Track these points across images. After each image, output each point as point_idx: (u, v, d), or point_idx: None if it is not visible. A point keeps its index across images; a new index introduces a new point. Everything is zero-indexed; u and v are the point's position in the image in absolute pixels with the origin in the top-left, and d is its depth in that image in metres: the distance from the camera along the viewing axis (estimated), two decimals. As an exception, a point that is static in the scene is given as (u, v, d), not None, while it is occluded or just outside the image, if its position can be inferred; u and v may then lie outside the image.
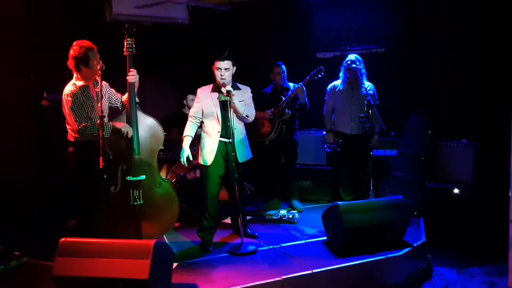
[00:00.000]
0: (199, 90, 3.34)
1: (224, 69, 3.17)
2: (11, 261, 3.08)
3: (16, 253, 3.13)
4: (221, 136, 3.26)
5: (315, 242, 3.38)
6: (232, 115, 3.16)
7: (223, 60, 3.16)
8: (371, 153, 3.72)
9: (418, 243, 3.23)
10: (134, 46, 3.06)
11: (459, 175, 4.08)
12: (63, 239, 2.42)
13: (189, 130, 3.33)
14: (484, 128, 4.12)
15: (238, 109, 3.22)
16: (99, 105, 2.76)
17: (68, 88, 2.93)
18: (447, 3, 4.37)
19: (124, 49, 3.05)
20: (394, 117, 4.40)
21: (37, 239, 3.43)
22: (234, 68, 3.25)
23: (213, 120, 3.26)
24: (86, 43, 2.94)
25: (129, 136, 2.97)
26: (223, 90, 3.15)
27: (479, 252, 3.59)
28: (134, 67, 3.08)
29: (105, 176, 2.79)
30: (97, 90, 2.97)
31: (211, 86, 3.32)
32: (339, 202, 3.10)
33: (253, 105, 3.43)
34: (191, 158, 3.30)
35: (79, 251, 2.36)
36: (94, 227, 2.91)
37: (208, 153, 3.25)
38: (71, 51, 2.92)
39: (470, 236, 3.74)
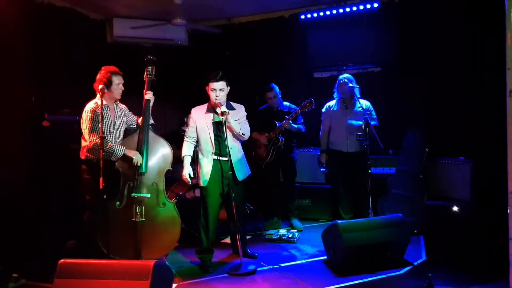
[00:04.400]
0: (193, 110, 3.37)
1: (219, 90, 3.22)
2: (9, 283, 3.04)
3: (14, 274, 3.09)
4: (217, 155, 3.28)
5: (315, 261, 3.36)
6: (227, 135, 3.19)
7: (217, 81, 3.21)
8: (370, 171, 3.74)
9: (419, 261, 3.22)
10: (154, 73, 3.32)
11: (458, 192, 4.09)
12: (62, 260, 2.41)
13: (187, 150, 3.37)
14: (481, 145, 4.16)
15: (234, 128, 3.26)
16: (100, 126, 2.84)
17: (90, 105, 3.13)
18: (442, 22, 4.48)
19: (145, 75, 3.32)
20: (392, 135, 4.45)
21: (35, 260, 3.40)
22: (228, 88, 3.30)
23: (207, 141, 3.29)
24: (112, 68, 3.20)
25: (138, 164, 3.10)
26: (218, 110, 3.17)
27: (480, 271, 3.56)
28: (151, 90, 3.31)
29: (105, 197, 2.82)
30: (98, 111, 3.03)
31: (205, 106, 3.36)
32: (339, 221, 3.10)
33: (247, 123, 3.47)
34: (192, 175, 3.33)
35: (78, 273, 2.35)
36: (93, 248, 2.91)
37: (204, 174, 3.28)
38: (98, 75, 3.17)
39: (470, 254, 3.71)
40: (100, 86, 2.98)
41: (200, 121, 3.31)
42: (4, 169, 3.67)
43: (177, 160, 4.73)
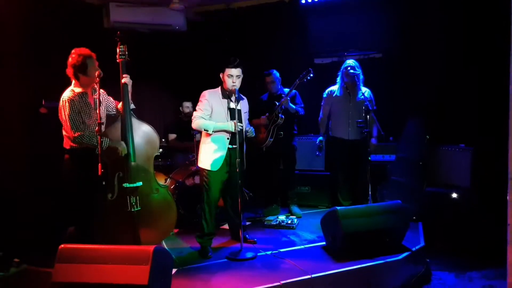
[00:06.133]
0: (207, 93, 3.27)
1: (236, 76, 3.18)
2: (11, 268, 3.07)
3: (16, 259, 3.12)
4: (231, 143, 3.25)
5: (314, 247, 3.38)
6: (243, 122, 3.17)
7: (235, 67, 3.17)
8: (369, 158, 3.73)
9: (417, 247, 3.24)
10: (126, 53, 3.05)
11: (457, 179, 4.09)
12: (62, 246, 2.42)
13: (207, 120, 3.22)
14: (482, 132, 4.15)
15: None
16: (98, 112, 2.77)
17: (66, 94, 2.94)
18: (444, 8, 4.42)
19: (117, 56, 3.05)
20: (392, 122, 4.43)
21: (36, 246, 3.43)
22: (242, 76, 3.24)
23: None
24: (84, 51, 2.95)
25: (122, 155, 2.95)
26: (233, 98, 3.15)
27: (478, 256, 3.60)
28: (128, 74, 3.08)
29: (104, 183, 2.79)
30: (95, 97, 2.98)
31: (218, 90, 3.30)
32: (338, 207, 3.11)
33: (248, 121, 3.52)
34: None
35: (78, 258, 2.37)
36: (91, 235, 2.90)
37: (216, 159, 3.24)
38: (70, 59, 2.94)
39: (468, 240, 3.74)
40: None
41: (217, 106, 3.24)
42: (2, 156, 3.67)
43: (177, 149, 4.77)
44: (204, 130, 3.21)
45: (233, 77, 3.18)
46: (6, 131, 3.74)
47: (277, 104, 4.09)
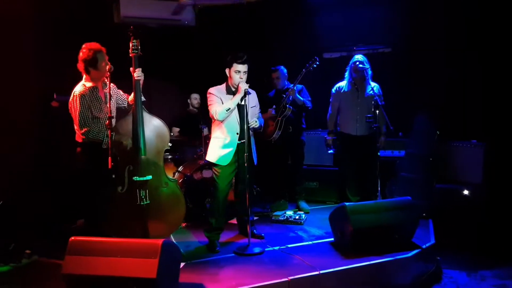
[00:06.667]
0: (213, 89, 3.27)
1: (243, 72, 3.17)
2: (22, 259, 3.13)
3: (27, 251, 3.17)
4: (240, 139, 3.25)
5: (322, 243, 3.37)
6: (247, 116, 3.14)
7: (243, 63, 3.16)
8: (378, 154, 3.69)
9: (427, 245, 3.20)
10: (139, 47, 3.07)
11: (469, 176, 4.04)
12: (72, 238, 2.45)
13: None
14: (494, 128, 4.08)
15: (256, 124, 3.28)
16: (108, 106, 2.80)
17: (78, 88, 2.99)
18: (454, 2, 4.34)
19: (130, 50, 3.07)
20: (402, 117, 4.37)
21: (47, 238, 3.48)
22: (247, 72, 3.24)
23: (232, 122, 3.24)
24: (94, 45, 2.99)
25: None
26: (242, 86, 3.11)
27: (490, 254, 3.55)
28: (139, 68, 3.10)
29: (113, 176, 2.81)
30: (106, 91, 3.02)
31: (223, 87, 3.30)
32: (347, 203, 3.09)
33: (260, 114, 3.48)
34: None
35: (88, 250, 2.39)
36: (101, 227, 2.93)
37: (225, 154, 3.24)
38: (80, 54, 2.99)
39: (480, 238, 3.69)
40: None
41: (224, 101, 3.22)
42: (14, 149, 3.72)
43: (182, 142, 4.78)
44: (227, 111, 3.15)
45: (240, 73, 3.16)
46: (17, 124, 3.79)
47: (284, 96, 4.08)
